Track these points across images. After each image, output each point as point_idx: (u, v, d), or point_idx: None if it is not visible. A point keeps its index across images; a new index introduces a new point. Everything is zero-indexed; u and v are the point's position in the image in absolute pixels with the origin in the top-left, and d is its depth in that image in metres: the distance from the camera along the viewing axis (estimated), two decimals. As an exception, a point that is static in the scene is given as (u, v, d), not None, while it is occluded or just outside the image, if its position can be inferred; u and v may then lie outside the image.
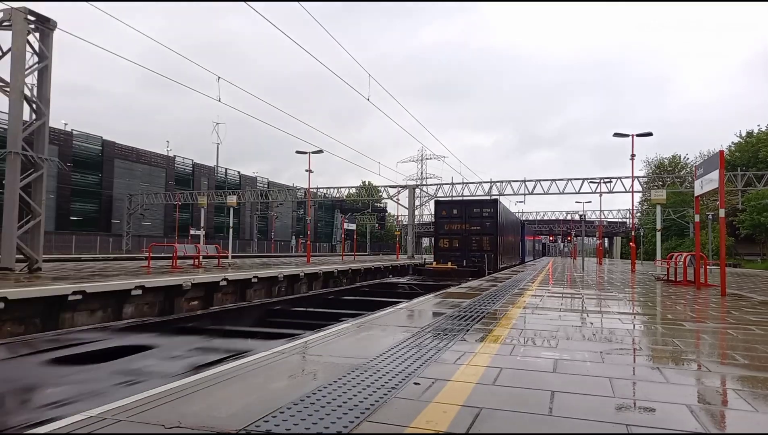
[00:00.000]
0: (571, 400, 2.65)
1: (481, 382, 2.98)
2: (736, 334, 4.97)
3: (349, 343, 4.22)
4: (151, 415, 2.31)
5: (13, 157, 11.61)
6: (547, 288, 10.57)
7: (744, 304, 7.89)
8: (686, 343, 4.42)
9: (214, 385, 2.84)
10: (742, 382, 3.14)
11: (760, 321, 5.88)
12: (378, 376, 3.05)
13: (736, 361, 3.72)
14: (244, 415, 2.31)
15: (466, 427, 2.21)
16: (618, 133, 21.14)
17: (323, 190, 47.81)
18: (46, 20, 12.19)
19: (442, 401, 2.58)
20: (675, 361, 3.71)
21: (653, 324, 5.78)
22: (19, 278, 10.21)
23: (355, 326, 5.03)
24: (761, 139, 48.07)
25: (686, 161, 61.01)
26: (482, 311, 6.31)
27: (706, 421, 2.36)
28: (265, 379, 3.01)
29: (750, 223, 41.49)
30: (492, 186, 40.50)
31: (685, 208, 45.75)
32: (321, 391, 2.71)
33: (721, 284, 9.64)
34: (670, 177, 51.51)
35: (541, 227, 72.87)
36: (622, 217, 64.86)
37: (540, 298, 8.18)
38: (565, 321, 5.59)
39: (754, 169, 40.97)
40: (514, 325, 5.25)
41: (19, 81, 11.77)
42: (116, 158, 48.56)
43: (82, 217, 45.35)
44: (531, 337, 4.56)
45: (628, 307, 7.34)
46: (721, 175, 9.67)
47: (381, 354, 3.68)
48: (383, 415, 2.35)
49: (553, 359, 3.61)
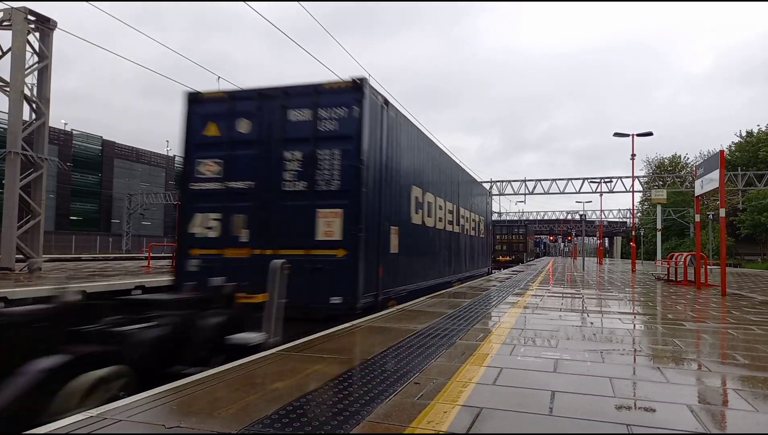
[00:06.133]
0: (571, 399, 2.65)
1: (482, 381, 2.97)
2: (737, 334, 4.96)
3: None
4: (152, 415, 2.31)
5: (13, 157, 11.61)
6: (547, 288, 10.56)
7: (744, 303, 7.89)
8: (687, 343, 4.42)
9: (215, 384, 2.84)
10: (743, 382, 3.14)
11: (760, 321, 5.87)
12: (376, 375, 3.05)
13: (736, 361, 3.72)
14: (245, 415, 2.31)
15: (466, 427, 2.20)
16: (618, 132, 21.20)
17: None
18: (46, 20, 12.19)
19: (442, 401, 2.57)
20: (675, 361, 3.71)
21: (654, 324, 5.78)
22: (19, 278, 10.21)
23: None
24: (761, 138, 48.06)
25: (686, 161, 61.00)
26: (482, 311, 6.30)
27: (707, 420, 2.35)
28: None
29: (750, 223, 41.51)
30: (492, 185, 40.48)
31: (686, 208, 45.73)
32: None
33: (721, 284, 9.63)
34: (670, 177, 51.48)
35: (541, 227, 72.83)
36: (622, 217, 64.86)
37: (540, 298, 8.17)
38: (566, 321, 5.59)
39: (754, 168, 40.95)
40: (514, 324, 5.25)
41: (18, 81, 11.77)
42: (116, 158, 48.56)
43: (82, 216, 45.33)
44: (531, 337, 4.56)
45: (629, 307, 7.34)
46: (721, 174, 9.66)
47: (373, 356, 3.68)
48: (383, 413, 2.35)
49: (553, 359, 3.60)
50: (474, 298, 8.05)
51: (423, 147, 9.32)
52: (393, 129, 7.46)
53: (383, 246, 7.05)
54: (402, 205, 8.06)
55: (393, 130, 7.46)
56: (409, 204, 8.42)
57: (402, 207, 8.05)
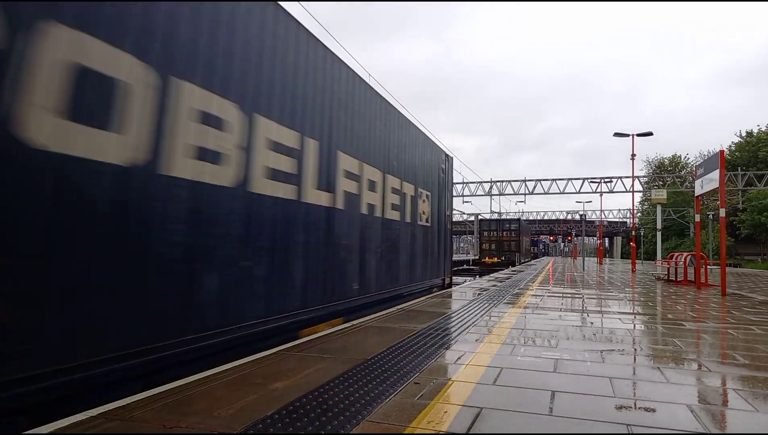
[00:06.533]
0: (571, 399, 2.65)
1: (482, 381, 2.98)
2: (737, 333, 4.97)
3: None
4: (151, 414, 2.31)
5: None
6: (547, 288, 10.56)
7: (744, 303, 7.89)
8: (687, 343, 4.42)
9: (215, 384, 2.84)
10: (743, 381, 3.14)
11: (760, 321, 5.88)
12: (377, 374, 3.05)
13: (736, 360, 3.72)
14: (244, 415, 2.31)
15: (466, 427, 2.21)
16: (618, 132, 21.24)
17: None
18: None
19: (442, 401, 2.58)
20: (675, 361, 3.71)
21: (653, 324, 5.78)
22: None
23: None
24: (761, 138, 48.09)
25: (686, 161, 61.02)
26: (482, 311, 6.30)
27: (707, 420, 2.35)
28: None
29: (750, 223, 41.54)
30: (492, 185, 40.50)
31: (686, 208, 45.76)
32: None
33: (721, 284, 9.64)
34: (670, 177, 51.50)
35: (541, 227, 72.86)
36: (622, 217, 64.90)
37: (540, 298, 8.17)
38: (566, 321, 5.59)
39: (754, 168, 40.99)
40: (514, 324, 5.25)
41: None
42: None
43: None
44: (531, 337, 4.56)
45: (629, 307, 7.34)
46: (721, 174, 9.67)
47: (374, 355, 3.68)
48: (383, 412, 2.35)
49: (553, 359, 3.61)
50: (474, 298, 8.04)
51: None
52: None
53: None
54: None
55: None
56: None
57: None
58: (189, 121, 3.60)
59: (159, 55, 3.31)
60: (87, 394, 2.76)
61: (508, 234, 35.83)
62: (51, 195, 2.65)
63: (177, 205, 3.49)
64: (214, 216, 3.85)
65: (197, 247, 3.65)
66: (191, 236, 3.61)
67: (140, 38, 3.17)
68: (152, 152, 3.27)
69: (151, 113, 3.27)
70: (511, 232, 36.00)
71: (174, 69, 3.44)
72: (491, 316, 5.91)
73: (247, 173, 4.22)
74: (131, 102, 3.11)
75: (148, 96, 3.24)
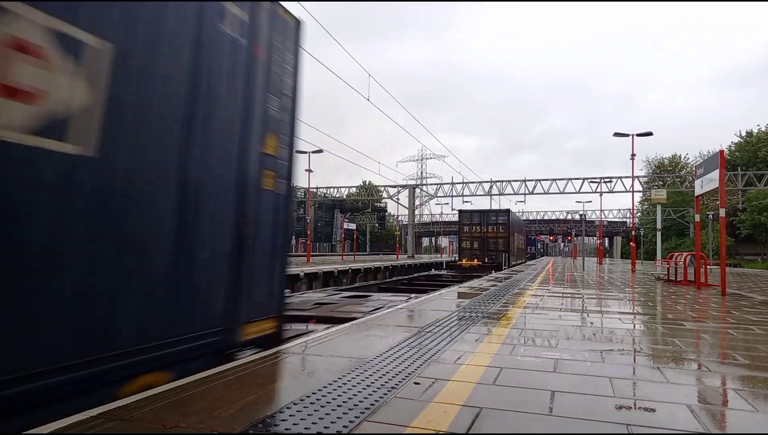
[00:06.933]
0: (571, 399, 2.65)
1: (482, 381, 2.98)
2: (737, 333, 4.97)
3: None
4: (151, 414, 2.31)
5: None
6: (547, 288, 10.56)
7: (744, 303, 7.89)
8: (686, 343, 4.42)
9: (215, 384, 2.84)
10: (743, 381, 3.14)
11: (760, 321, 5.88)
12: (372, 372, 3.05)
13: (736, 360, 3.72)
14: (244, 415, 2.31)
15: (466, 427, 2.21)
16: (618, 132, 21.26)
17: (323, 189, 47.81)
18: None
19: (442, 401, 2.57)
20: (675, 361, 3.71)
21: (653, 324, 5.78)
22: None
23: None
24: (761, 138, 48.11)
25: (686, 161, 61.04)
26: (482, 311, 6.30)
27: (707, 420, 2.35)
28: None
29: (750, 223, 41.56)
30: (492, 185, 40.51)
31: (686, 208, 45.78)
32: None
33: (721, 284, 9.64)
34: (670, 177, 51.52)
35: (541, 227, 72.89)
36: (622, 217, 64.92)
37: (540, 298, 8.17)
38: (566, 321, 5.59)
39: (754, 168, 41.02)
40: (514, 324, 5.25)
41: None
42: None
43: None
44: (531, 337, 4.56)
45: (629, 307, 7.34)
46: (721, 174, 9.67)
47: (376, 356, 3.68)
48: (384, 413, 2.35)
49: (553, 359, 3.61)
50: (473, 298, 8.02)
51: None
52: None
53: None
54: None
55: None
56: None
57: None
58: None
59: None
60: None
61: (494, 229, 27.89)
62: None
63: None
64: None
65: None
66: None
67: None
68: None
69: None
70: (498, 226, 27.93)
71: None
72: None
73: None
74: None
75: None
